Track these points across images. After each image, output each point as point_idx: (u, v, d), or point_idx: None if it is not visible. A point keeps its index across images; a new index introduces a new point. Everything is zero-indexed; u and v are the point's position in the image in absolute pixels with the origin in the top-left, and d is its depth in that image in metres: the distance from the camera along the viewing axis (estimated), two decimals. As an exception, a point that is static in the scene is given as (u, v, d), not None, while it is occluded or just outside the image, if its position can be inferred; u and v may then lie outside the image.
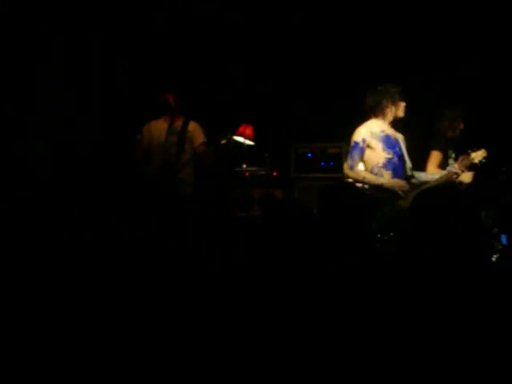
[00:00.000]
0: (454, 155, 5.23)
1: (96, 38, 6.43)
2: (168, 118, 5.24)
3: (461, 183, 4.71)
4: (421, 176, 4.68)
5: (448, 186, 4.15)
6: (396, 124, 4.67)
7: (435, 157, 5.18)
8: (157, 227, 4.42)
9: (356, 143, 4.49)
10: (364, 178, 4.45)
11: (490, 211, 4.14)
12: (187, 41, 6.82)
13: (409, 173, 4.56)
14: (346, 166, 4.56)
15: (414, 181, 4.57)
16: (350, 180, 4.56)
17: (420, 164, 5.18)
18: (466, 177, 4.87)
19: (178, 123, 5.24)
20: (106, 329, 2.16)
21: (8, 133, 5.57)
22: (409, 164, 4.60)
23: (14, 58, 5.76)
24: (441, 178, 4.48)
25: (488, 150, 4.58)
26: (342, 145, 6.07)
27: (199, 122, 5.39)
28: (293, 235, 2.51)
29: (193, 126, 5.30)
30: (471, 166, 4.57)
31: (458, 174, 4.46)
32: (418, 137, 5.19)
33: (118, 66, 6.66)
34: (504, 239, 4.07)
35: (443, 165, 5.15)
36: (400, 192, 4.38)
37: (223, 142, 5.06)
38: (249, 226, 4.11)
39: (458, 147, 5.24)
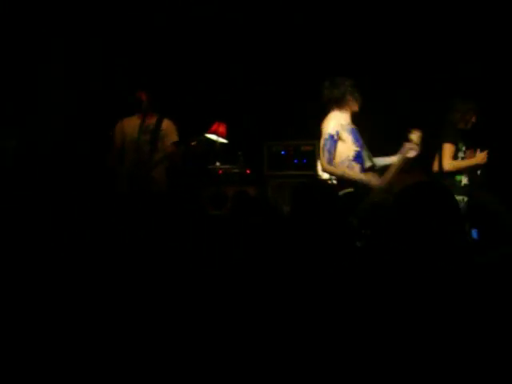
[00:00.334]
0: (464, 148, 5.21)
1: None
2: (141, 115, 5.20)
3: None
4: (379, 161, 4.65)
5: (431, 182, 4.19)
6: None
7: (448, 149, 5.13)
8: (128, 225, 4.38)
9: (331, 136, 4.40)
10: (344, 172, 4.37)
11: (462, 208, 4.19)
12: (160, 39, 6.78)
13: (370, 163, 4.55)
14: (323, 161, 4.42)
15: (377, 165, 4.55)
16: (326, 175, 4.54)
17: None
18: None
19: (151, 121, 5.21)
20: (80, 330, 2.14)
21: None
22: (369, 154, 4.58)
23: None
24: (399, 158, 4.47)
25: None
26: (314, 142, 6.10)
27: (172, 119, 5.36)
28: (263, 232, 2.51)
29: (166, 125, 5.26)
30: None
31: (413, 150, 4.42)
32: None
33: (94, 63, 6.62)
34: (475, 234, 4.12)
35: (455, 157, 5.16)
36: (376, 188, 4.34)
37: (194, 143, 5.03)
38: (222, 223, 4.09)
39: (469, 140, 5.25)
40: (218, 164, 6.46)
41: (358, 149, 4.48)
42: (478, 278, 1.97)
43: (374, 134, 4.95)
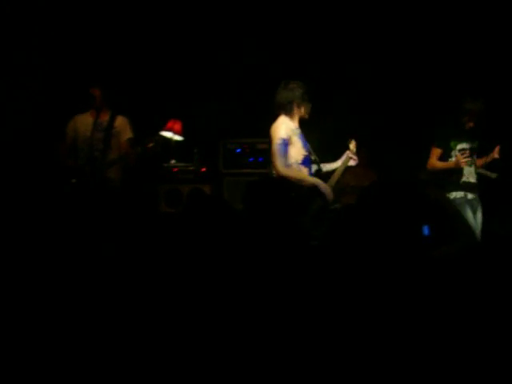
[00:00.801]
0: (459, 147, 5.29)
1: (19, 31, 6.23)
2: (94, 112, 5.11)
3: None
4: (325, 167, 4.72)
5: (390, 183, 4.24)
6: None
7: (434, 151, 5.29)
8: (82, 224, 4.32)
9: (284, 140, 4.43)
10: (299, 176, 4.39)
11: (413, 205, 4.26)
12: (114, 34, 6.69)
13: (317, 168, 4.61)
14: (279, 165, 4.39)
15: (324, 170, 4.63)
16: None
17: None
18: None
19: (105, 118, 5.12)
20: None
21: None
22: (317, 159, 4.64)
23: None
24: (341, 166, 4.60)
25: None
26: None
27: (127, 116, 5.28)
28: (216, 230, 2.50)
29: (120, 122, 5.17)
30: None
31: (353, 159, 4.57)
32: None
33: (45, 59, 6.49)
34: (426, 230, 4.18)
35: (448, 157, 5.28)
36: (326, 196, 4.38)
37: (150, 145, 4.96)
38: (176, 221, 4.06)
39: (478, 139, 5.34)
40: (173, 161, 6.41)
41: (306, 153, 4.53)
42: (432, 272, 1.99)
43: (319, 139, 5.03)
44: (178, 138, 6.46)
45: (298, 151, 4.49)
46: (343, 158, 4.64)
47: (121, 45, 6.71)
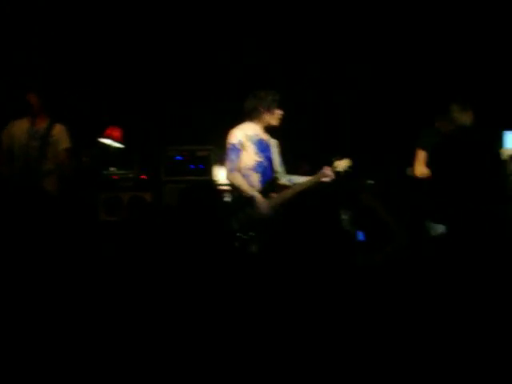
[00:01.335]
0: None
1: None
2: (30, 119, 5.00)
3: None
4: (295, 178, 4.77)
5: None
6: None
7: (420, 155, 5.04)
8: (19, 232, 4.23)
9: (233, 145, 4.49)
10: (240, 185, 4.46)
11: (349, 211, 4.32)
12: (53, 38, 6.59)
13: (276, 177, 4.65)
14: (226, 168, 4.48)
15: (287, 183, 4.66)
16: (221, 177, 4.57)
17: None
18: None
19: (42, 125, 5.01)
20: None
21: None
22: (279, 169, 4.68)
23: None
24: (312, 179, 4.58)
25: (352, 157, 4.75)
26: (210, 148, 6.11)
27: (65, 123, 5.18)
28: (155, 236, 2.51)
29: (58, 130, 5.05)
30: (335, 174, 4.67)
31: (329, 177, 4.55)
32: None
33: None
34: (361, 236, 4.26)
35: None
36: (262, 211, 4.42)
37: (84, 159, 4.88)
38: (116, 229, 4.04)
39: None
40: (112, 169, 6.34)
41: (260, 159, 4.55)
42: (360, 277, 2.05)
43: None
44: (117, 145, 6.41)
45: (249, 157, 4.53)
46: (319, 174, 4.61)
47: (59, 50, 6.62)
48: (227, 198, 4.54)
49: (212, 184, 4.22)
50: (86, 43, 6.69)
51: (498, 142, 5.06)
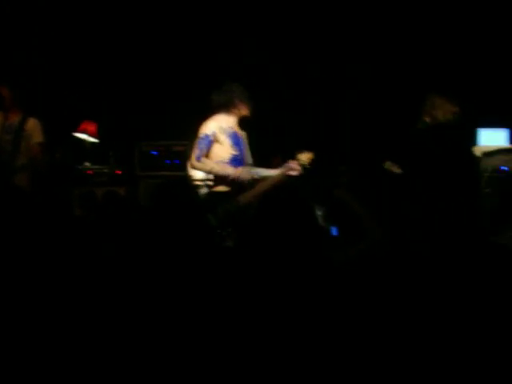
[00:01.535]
0: None
1: None
2: (2, 113, 4.93)
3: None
4: (262, 172, 4.75)
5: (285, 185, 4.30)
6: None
7: None
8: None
9: (206, 135, 4.43)
10: (212, 168, 4.40)
11: (323, 207, 4.33)
12: (28, 32, 6.51)
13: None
14: (192, 157, 4.45)
15: (255, 176, 4.64)
16: (199, 174, 4.53)
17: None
18: None
19: (15, 119, 4.95)
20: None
21: None
22: (249, 161, 4.67)
23: None
24: (280, 173, 4.58)
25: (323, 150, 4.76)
26: (186, 143, 6.08)
27: (39, 118, 5.12)
28: (128, 232, 2.49)
29: (31, 124, 4.98)
30: (301, 167, 4.66)
31: (295, 170, 4.54)
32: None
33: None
34: (334, 231, 4.29)
35: None
36: (245, 182, 4.40)
37: (58, 155, 4.84)
38: (90, 225, 4.00)
39: None
40: (87, 164, 6.29)
41: (235, 153, 4.52)
42: (337, 273, 2.05)
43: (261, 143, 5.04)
44: (92, 139, 6.36)
45: (224, 150, 4.49)
46: (285, 167, 4.60)
47: (33, 43, 6.54)
48: (202, 193, 4.53)
49: (188, 179, 4.20)
50: (63, 38, 6.63)
51: (471, 139, 5.12)
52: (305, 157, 4.59)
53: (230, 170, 4.42)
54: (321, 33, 6.67)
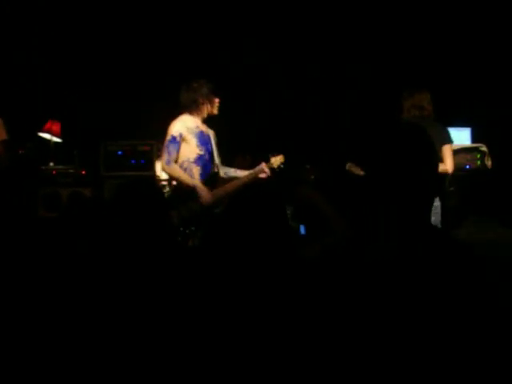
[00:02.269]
0: None
1: None
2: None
3: None
4: (230, 171, 4.78)
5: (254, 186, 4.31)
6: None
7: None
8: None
9: (173, 137, 4.44)
10: (179, 176, 4.44)
11: (290, 205, 4.36)
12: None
13: (215, 170, 4.64)
14: (162, 161, 4.47)
15: (224, 176, 4.66)
16: (164, 175, 4.55)
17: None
18: None
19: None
20: None
21: None
22: (217, 161, 4.67)
23: None
24: (250, 174, 4.60)
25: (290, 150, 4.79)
26: (152, 142, 6.03)
27: (2, 116, 5.05)
28: (93, 233, 2.47)
29: None
30: (271, 170, 4.69)
31: (265, 173, 4.57)
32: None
33: None
34: (302, 230, 4.32)
35: None
36: (202, 198, 4.39)
37: (21, 152, 4.78)
38: (55, 226, 3.95)
39: None
40: (51, 164, 6.20)
41: (201, 152, 4.53)
42: (306, 270, 2.06)
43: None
44: (56, 139, 6.28)
45: (191, 149, 4.50)
46: (256, 169, 4.62)
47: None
48: (167, 192, 4.53)
49: (151, 179, 4.20)
50: (23, 34, 6.53)
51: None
52: (277, 160, 4.64)
53: (197, 183, 4.41)
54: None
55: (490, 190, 2.96)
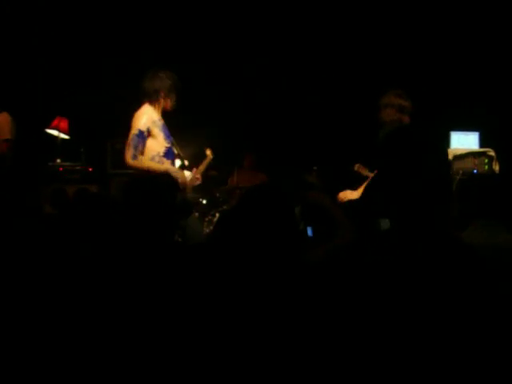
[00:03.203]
0: None
1: None
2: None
3: None
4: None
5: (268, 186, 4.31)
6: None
7: None
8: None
9: (141, 132, 4.22)
10: (148, 167, 4.23)
11: (297, 208, 4.34)
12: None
13: (184, 161, 4.58)
14: (127, 156, 4.25)
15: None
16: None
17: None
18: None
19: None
20: None
21: None
22: (180, 153, 4.59)
23: None
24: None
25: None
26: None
27: (11, 113, 5.05)
28: (99, 230, 2.46)
29: (1, 120, 4.93)
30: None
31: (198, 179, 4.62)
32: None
33: None
34: (309, 232, 4.30)
35: None
36: (180, 183, 4.33)
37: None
38: (61, 222, 3.95)
39: None
40: (58, 161, 6.21)
41: (168, 145, 4.40)
42: (305, 274, 2.05)
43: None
44: (64, 136, 6.29)
45: (159, 143, 4.34)
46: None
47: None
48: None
49: (158, 177, 4.14)
50: (30, 32, 6.55)
51: (445, 141, 5.17)
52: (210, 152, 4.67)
53: (169, 167, 4.33)
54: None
55: (497, 195, 2.95)
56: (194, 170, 4.59)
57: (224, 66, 6.64)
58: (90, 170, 6.19)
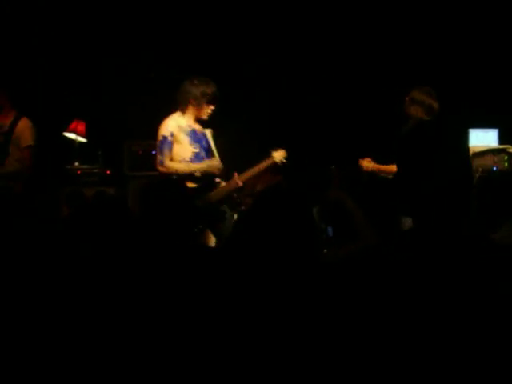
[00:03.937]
0: None
1: None
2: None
3: None
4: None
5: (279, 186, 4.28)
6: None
7: None
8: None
9: (164, 138, 4.32)
10: (177, 170, 4.29)
11: (316, 207, 4.31)
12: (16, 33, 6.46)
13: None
14: (156, 162, 4.38)
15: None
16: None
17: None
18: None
19: (6, 121, 4.88)
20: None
21: None
22: (217, 157, 4.56)
23: None
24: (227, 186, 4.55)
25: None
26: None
27: (30, 117, 5.06)
28: (116, 233, 2.46)
29: (22, 126, 4.90)
30: (274, 165, 4.55)
31: (237, 184, 4.46)
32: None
33: None
34: (330, 231, 4.29)
35: None
36: (216, 171, 4.36)
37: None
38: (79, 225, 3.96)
39: None
40: (76, 164, 6.24)
41: (196, 150, 4.42)
42: (323, 275, 2.03)
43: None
44: (81, 139, 6.32)
45: (185, 149, 4.38)
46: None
47: (23, 43, 6.48)
48: None
49: (174, 179, 4.14)
50: (50, 35, 6.57)
51: (466, 138, 5.11)
52: (279, 155, 4.53)
53: (195, 166, 4.35)
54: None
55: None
56: (235, 174, 4.49)
57: (236, 66, 6.62)
58: (108, 172, 6.21)
